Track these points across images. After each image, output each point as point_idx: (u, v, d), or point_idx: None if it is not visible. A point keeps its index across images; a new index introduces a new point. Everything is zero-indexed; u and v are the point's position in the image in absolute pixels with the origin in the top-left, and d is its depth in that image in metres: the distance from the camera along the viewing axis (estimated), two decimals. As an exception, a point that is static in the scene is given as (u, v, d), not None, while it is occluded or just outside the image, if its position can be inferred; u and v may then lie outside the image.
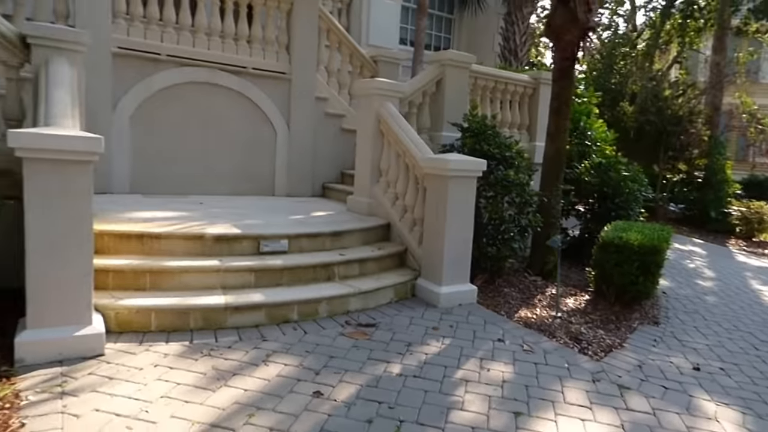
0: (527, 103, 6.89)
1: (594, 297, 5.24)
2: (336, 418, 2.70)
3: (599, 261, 5.08)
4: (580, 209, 7.10)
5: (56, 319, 3.01)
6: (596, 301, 5.15)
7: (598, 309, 4.94)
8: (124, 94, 5.49)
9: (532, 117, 6.89)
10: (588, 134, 7.41)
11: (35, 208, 2.92)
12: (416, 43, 9.30)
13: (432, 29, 11.99)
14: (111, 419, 2.51)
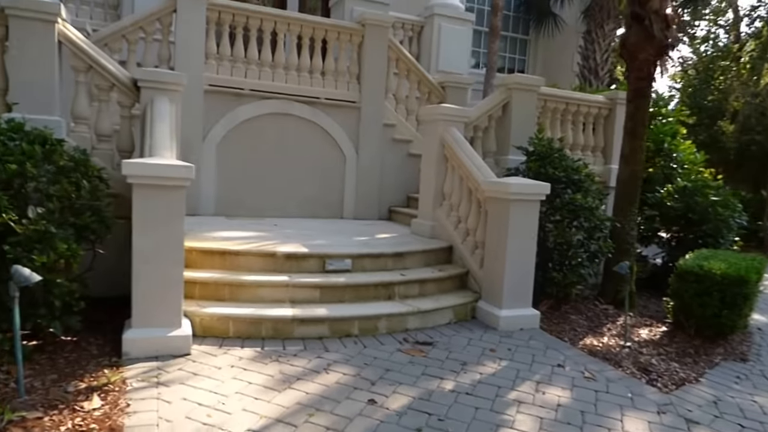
0: (602, 125, 7.01)
1: (672, 329, 5.22)
2: (387, 424, 3.09)
3: (677, 291, 5.07)
4: (664, 236, 7.04)
5: (154, 320, 3.68)
6: (674, 333, 5.14)
7: (675, 342, 4.94)
8: (212, 126, 6.36)
9: (607, 139, 7.00)
10: (673, 156, 7.37)
11: (140, 226, 3.63)
12: (489, 66, 9.68)
13: (506, 51, 12.33)
14: (195, 407, 3.07)
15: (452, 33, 9.16)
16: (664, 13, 5.42)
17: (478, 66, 11.25)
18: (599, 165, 6.91)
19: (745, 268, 4.83)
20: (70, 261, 3.54)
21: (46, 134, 3.85)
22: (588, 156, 6.93)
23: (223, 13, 6.34)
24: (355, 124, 7.02)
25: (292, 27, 6.66)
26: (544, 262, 5.46)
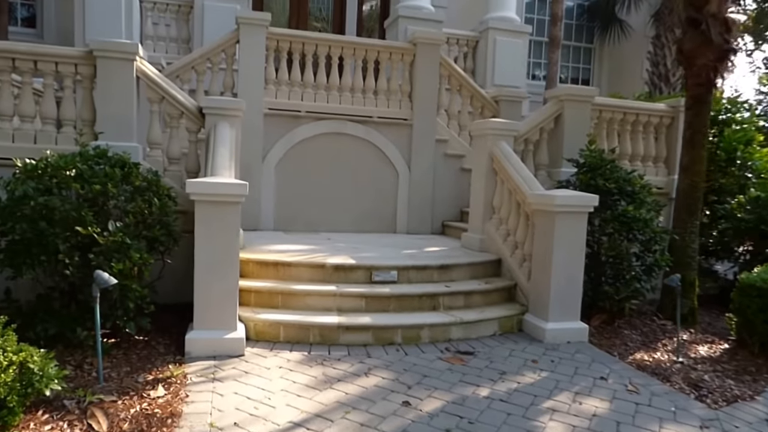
0: (664, 134, 6.98)
1: (734, 347, 5.15)
2: (418, 424, 3.41)
3: (740, 306, 5.00)
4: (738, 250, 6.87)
5: (212, 323, 4.23)
6: (736, 351, 5.07)
7: (736, 359, 4.88)
8: (271, 147, 6.99)
9: (670, 148, 6.95)
10: (748, 165, 7.19)
11: (201, 238, 4.21)
12: (548, 78, 9.83)
13: (570, 61, 12.35)
14: (244, 400, 3.54)
15: (508, 46, 9.41)
16: (724, 16, 5.44)
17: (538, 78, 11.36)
18: (662, 176, 6.89)
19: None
20: (142, 269, 4.18)
21: (125, 158, 4.56)
22: (649, 167, 6.93)
23: (281, 41, 7.00)
24: (407, 140, 7.44)
25: (346, 50, 7.22)
26: (598, 276, 5.59)
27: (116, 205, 4.27)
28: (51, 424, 3.07)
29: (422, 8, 9.09)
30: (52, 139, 5.15)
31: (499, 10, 9.64)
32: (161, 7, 8.55)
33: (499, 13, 9.64)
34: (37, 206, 3.94)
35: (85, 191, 4.10)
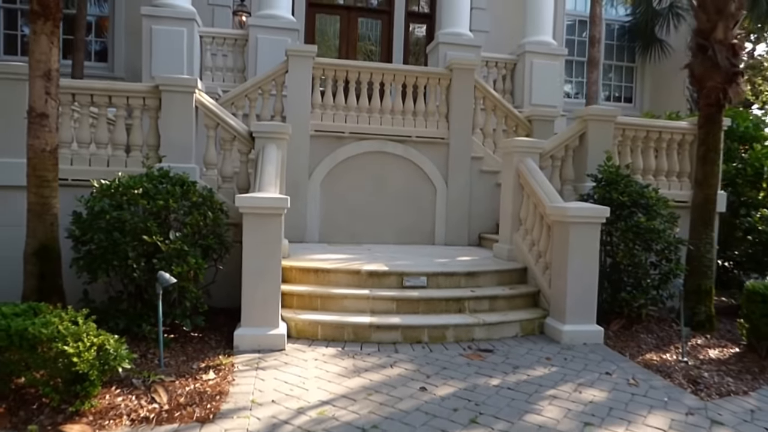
0: (687, 150, 7.17)
1: (744, 350, 5.33)
2: (430, 404, 3.88)
3: (747, 312, 5.21)
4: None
5: (257, 321, 4.85)
6: (744, 354, 5.25)
7: (743, 362, 5.07)
8: (317, 166, 7.67)
9: (693, 163, 7.13)
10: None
11: (248, 246, 4.86)
12: (588, 96, 10.12)
13: (612, 80, 12.56)
14: (281, 384, 4.12)
15: (544, 68, 9.80)
16: (730, 42, 5.71)
17: (580, 96, 11.62)
18: (685, 189, 7.06)
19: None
20: (197, 273, 4.87)
21: (184, 178, 5.30)
22: (673, 181, 7.13)
23: (326, 69, 7.71)
24: (445, 158, 7.94)
25: (386, 76, 7.85)
26: (617, 283, 5.88)
27: (176, 218, 5.00)
28: (122, 396, 3.75)
29: (462, 35, 9.64)
30: (122, 162, 5.99)
31: (535, 34, 10.07)
32: (219, 40, 9.50)
33: (536, 38, 10.05)
34: (111, 219, 4.70)
35: (150, 206, 4.84)
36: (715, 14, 5.78)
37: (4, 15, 10.65)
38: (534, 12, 10.08)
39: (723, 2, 5.74)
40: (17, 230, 4.93)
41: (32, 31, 4.58)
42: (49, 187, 4.62)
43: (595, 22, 10.01)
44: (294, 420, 3.56)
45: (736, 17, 5.82)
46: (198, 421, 3.48)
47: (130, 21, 10.52)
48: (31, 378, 3.48)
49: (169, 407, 3.64)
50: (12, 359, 3.45)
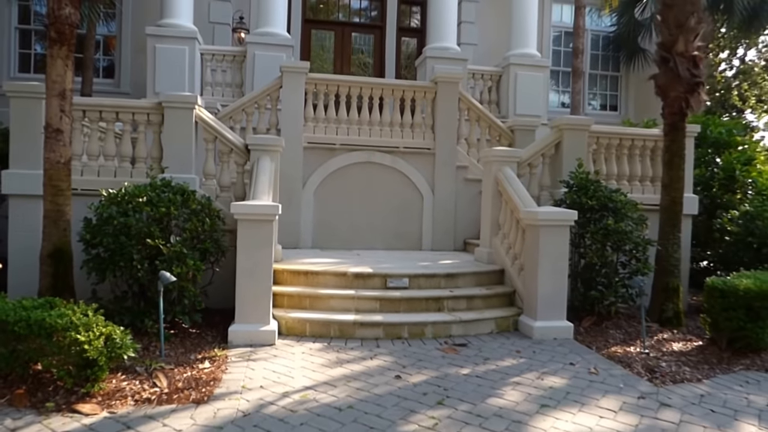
0: (659, 156, 7.62)
1: (707, 344, 5.72)
2: (403, 389, 4.32)
3: (708, 307, 5.62)
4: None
5: (250, 318, 5.32)
6: (706, 347, 5.65)
7: (704, 353, 5.47)
8: (310, 176, 8.16)
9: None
10: (748, 182, 7.71)
11: (242, 249, 5.34)
12: (573, 106, 10.60)
13: (598, 89, 13.04)
14: (270, 373, 4.58)
15: (528, 80, 10.29)
16: (691, 54, 6.17)
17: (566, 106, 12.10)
18: (657, 193, 7.48)
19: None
20: (195, 274, 5.35)
21: (185, 187, 5.80)
22: (646, 185, 7.58)
23: (318, 84, 8.23)
24: (431, 167, 8.42)
25: (375, 90, 8.35)
26: (588, 282, 6.33)
27: (177, 224, 5.50)
28: (127, 380, 4.22)
29: (449, 49, 10.16)
30: (128, 173, 6.50)
31: (520, 47, 10.56)
32: (218, 57, 10.04)
33: (520, 50, 10.55)
34: (118, 225, 5.20)
35: (153, 213, 5.34)
36: (675, 28, 6.25)
37: (19, 35, 11.28)
38: (518, 26, 10.60)
39: (683, 17, 6.21)
40: (34, 235, 5.48)
41: (49, 55, 5.12)
42: (63, 195, 5.13)
43: (579, 33, 10.51)
44: (279, 402, 4.02)
45: (696, 31, 6.28)
46: (193, 403, 3.95)
47: (136, 39, 11.11)
48: (48, 363, 3.97)
49: (168, 390, 4.11)
50: (31, 347, 3.94)
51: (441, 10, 10.20)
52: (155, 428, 3.55)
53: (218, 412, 3.81)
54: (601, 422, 3.87)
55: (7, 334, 3.92)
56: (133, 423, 3.61)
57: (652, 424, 3.87)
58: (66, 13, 5.08)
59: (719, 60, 19.10)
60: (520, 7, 10.57)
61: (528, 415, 3.94)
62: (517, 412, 3.99)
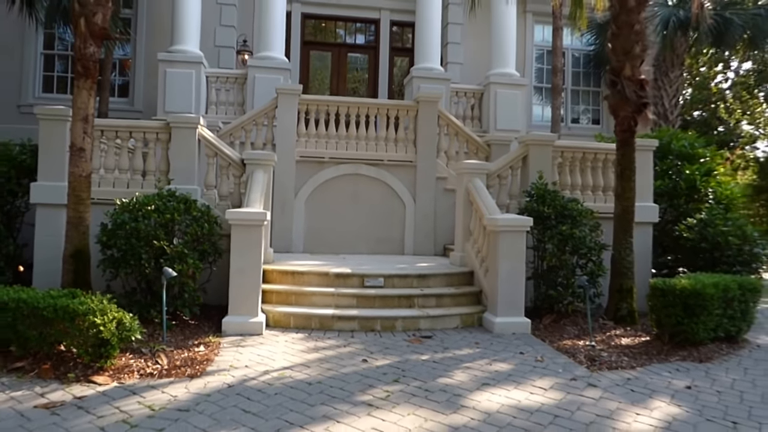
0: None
1: (652, 339, 6.37)
2: (367, 370, 5.08)
3: (652, 306, 6.30)
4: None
5: (241, 311, 6.12)
6: (651, 342, 6.29)
7: (647, 347, 6.11)
8: (301, 186, 8.99)
9: (626, 181, 8.30)
10: (708, 192, 8.40)
11: (235, 250, 6.15)
12: (553, 120, 11.35)
13: (580, 104, 13.79)
14: (255, 356, 5.36)
15: (507, 97, 11.08)
16: (637, 78, 6.91)
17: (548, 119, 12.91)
18: (617, 203, 8.23)
19: (705, 284, 5.93)
20: (195, 272, 6.18)
21: (188, 197, 6.64)
22: (609, 195, 8.28)
23: (309, 104, 9.09)
24: (413, 178, 9.22)
25: (361, 109, 9.19)
26: (547, 283, 7.05)
27: (179, 228, 6.34)
28: (134, 359, 5.03)
29: (433, 69, 10.99)
30: (139, 184, 7.36)
31: (500, 67, 11.36)
32: (222, 79, 10.94)
33: (500, 70, 11.34)
34: (130, 229, 6.04)
35: (160, 219, 6.18)
36: (623, 55, 6.99)
37: (44, 60, 12.31)
38: (498, 47, 11.40)
39: (629, 45, 6.94)
40: (57, 238, 6.36)
41: (76, 86, 6.00)
42: (83, 204, 5.99)
43: (557, 53, 11.27)
44: (260, 378, 4.80)
45: (641, 57, 7.01)
46: (188, 377, 4.75)
47: (149, 62, 12.07)
48: (70, 343, 4.79)
49: (168, 367, 4.92)
50: (56, 329, 4.76)
51: (426, 34, 11.05)
52: (156, 395, 4.35)
53: (208, 384, 4.60)
54: (531, 397, 4.59)
55: (37, 318, 4.76)
56: (138, 390, 4.41)
57: (574, 399, 4.58)
58: (90, 51, 5.98)
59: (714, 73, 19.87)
60: (500, 30, 11.39)
61: (469, 391, 4.67)
62: (460, 388, 4.73)
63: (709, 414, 4.33)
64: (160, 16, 12.15)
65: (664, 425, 4.09)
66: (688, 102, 19.45)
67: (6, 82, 11.89)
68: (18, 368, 4.76)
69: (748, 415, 4.34)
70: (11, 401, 4.15)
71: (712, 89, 18.78)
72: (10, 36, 11.79)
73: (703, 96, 17.91)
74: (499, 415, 4.16)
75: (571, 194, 8.00)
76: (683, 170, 8.60)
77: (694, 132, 18.17)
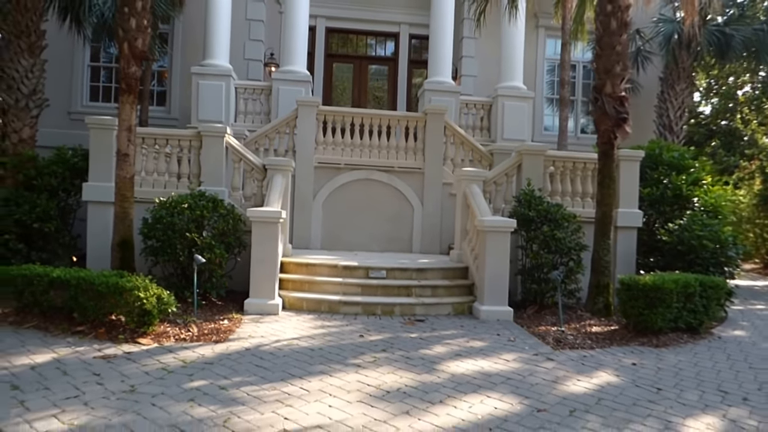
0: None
1: (620, 328, 7.33)
2: (361, 343, 6.23)
3: (621, 299, 7.27)
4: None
5: (260, 294, 7.35)
6: (618, 330, 7.23)
7: (613, 334, 7.07)
8: (319, 190, 10.22)
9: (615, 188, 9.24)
10: (693, 200, 9.29)
11: (255, 243, 7.39)
12: (560, 130, 12.30)
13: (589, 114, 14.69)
14: (270, 329, 6.58)
15: (514, 109, 12.13)
16: (618, 95, 7.89)
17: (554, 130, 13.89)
18: (606, 208, 9.18)
19: (665, 280, 6.86)
20: (221, 260, 7.45)
21: (216, 197, 7.93)
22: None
23: (327, 114, 10.34)
24: (421, 184, 10.35)
25: (374, 119, 10.39)
26: (531, 278, 8.09)
27: (208, 223, 7.63)
28: (170, 328, 6.30)
29: (444, 83, 12.12)
30: (174, 185, 8.69)
31: (508, 80, 12.42)
32: (250, 90, 12.30)
33: (508, 83, 12.39)
34: (167, 223, 7.35)
35: (191, 215, 7.47)
36: (604, 74, 7.98)
37: (90, 71, 13.95)
38: (507, 62, 12.46)
39: (610, 65, 7.92)
40: (106, 231, 7.75)
41: (121, 101, 7.36)
42: (128, 202, 7.33)
43: (564, 67, 12.23)
44: (272, 344, 6.01)
45: (621, 76, 7.98)
46: (214, 342, 5.99)
47: (183, 73, 13.53)
48: (119, 313, 6.10)
49: (197, 334, 6.17)
50: (109, 302, 6.07)
51: (438, 50, 12.20)
52: (187, 353, 5.59)
53: (229, 347, 5.82)
54: (494, 366, 5.66)
55: (93, 292, 6.08)
56: (174, 350, 5.67)
57: (530, 369, 5.62)
58: (132, 71, 7.33)
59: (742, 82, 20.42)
60: (508, 46, 12.45)
61: (443, 360, 5.78)
62: (436, 357, 5.83)
63: (640, 382, 5.33)
64: (194, 31, 13.60)
65: (598, 389, 5.11)
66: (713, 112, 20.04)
67: (58, 91, 13.49)
68: (79, 331, 6.09)
69: (675, 384, 5.32)
70: (76, 354, 5.45)
71: (740, 99, 19.35)
72: (62, 50, 13.38)
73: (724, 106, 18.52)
74: (462, 376, 5.26)
75: (561, 200, 9.03)
76: (672, 179, 9.49)
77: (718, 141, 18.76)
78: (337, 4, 14.57)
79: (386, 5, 14.51)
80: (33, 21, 9.71)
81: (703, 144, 19.00)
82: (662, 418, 4.45)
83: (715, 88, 19.80)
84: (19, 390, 4.47)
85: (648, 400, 4.82)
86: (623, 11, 7.75)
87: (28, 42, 9.73)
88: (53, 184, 9.18)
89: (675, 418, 4.45)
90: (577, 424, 4.25)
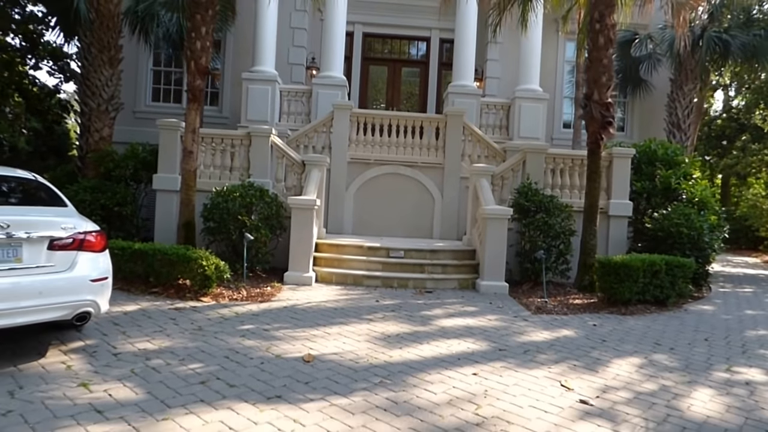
0: (605, 172, 10.66)
1: (597, 301, 8.78)
2: (376, 305, 7.95)
3: (598, 276, 8.72)
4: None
5: (297, 268, 9.17)
6: (596, 303, 8.66)
7: (590, 305, 8.53)
8: (351, 182, 11.97)
9: (609, 182, 10.60)
10: (680, 193, 10.57)
11: (294, 226, 9.22)
12: (575, 129, 13.68)
13: (605, 113, 15.93)
14: (304, 295, 8.39)
15: (530, 110, 13.56)
16: (604, 101, 9.29)
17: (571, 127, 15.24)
18: (602, 200, 10.55)
19: (633, 259, 8.27)
20: (266, 240, 9.31)
21: (262, 188, 9.80)
22: (593, 194, 10.64)
23: (359, 116, 12.08)
24: (441, 177, 11.97)
25: (401, 121, 12.07)
26: (526, 259, 9.63)
27: (256, 209, 9.50)
28: (225, 290, 8.19)
29: (466, 86, 13.68)
30: (228, 177, 10.60)
31: (525, 83, 13.84)
32: (292, 93, 14.18)
33: (525, 86, 13.82)
34: (222, 208, 9.25)
35: (242, 202, 9.35)
36: (593, 83, 9.38)
37: (152, 75, 16.15)
38: (524, 66, 13.87)
39: (598, 75, 9.32)
40: (171, 216, 9.78)
41: (187, 109, 9.30)
42: (191, 190, 9.27)
43: (579, 69, 13.53)
44: (305, 304, 7.81)
45: (608, 85, 9.36)
46: (259, 302, 7.83)
47: (234, 75, 15.53)
48: (186, 277, 8.03)
49: (246, 296, 8.05)
50: (177, 269, 7.98)
51: (462, 55, 13.75)
52: (239, 308, 7.44)
53: (271, 306, 7.66)
54: (478, 323, 7.27)
55: (166, 261, 8.01)
56: (228, 306, 7.54)
57: (506, 326, 7.20)
58: (198, 84, 9.25)
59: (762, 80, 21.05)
60: (526, 51, 13.85)
61: (438, 318, 7.45)
62: (433, 317, 7.50)
63: (591, 336, 6.85)
64: (245, 37, 15.55)
65: (554, 339, 6.67)
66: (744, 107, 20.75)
67: (126, 92, 15.65)
68: (154, 292, 8.04)
69: (620, 338, 6.81)
70: (155, 306, 7.39)
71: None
72: (129, 56, 15.50)
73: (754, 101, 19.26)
74: (450, 329, 6.90)
75: (560, 193, 10.51)
76: (662, 174, 10.75)
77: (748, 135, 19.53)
78: (373, 11, 16.28)
79: (418, 12, 16.10)
80: (113, 38, 11.82)
81: (734, 138, 19.77)
82: (594, 357, 5.99)
83: (748, 82, 20.46)
84: (119, 326, 6.41)
85: (590, 347, 6.36)
86: (609, 29, 9.14)
87: (109, 55, 11.85)
88: (126, 175, 11.25)
89: (605, 357, 5.98)
90: (526, 357, 5.86)
